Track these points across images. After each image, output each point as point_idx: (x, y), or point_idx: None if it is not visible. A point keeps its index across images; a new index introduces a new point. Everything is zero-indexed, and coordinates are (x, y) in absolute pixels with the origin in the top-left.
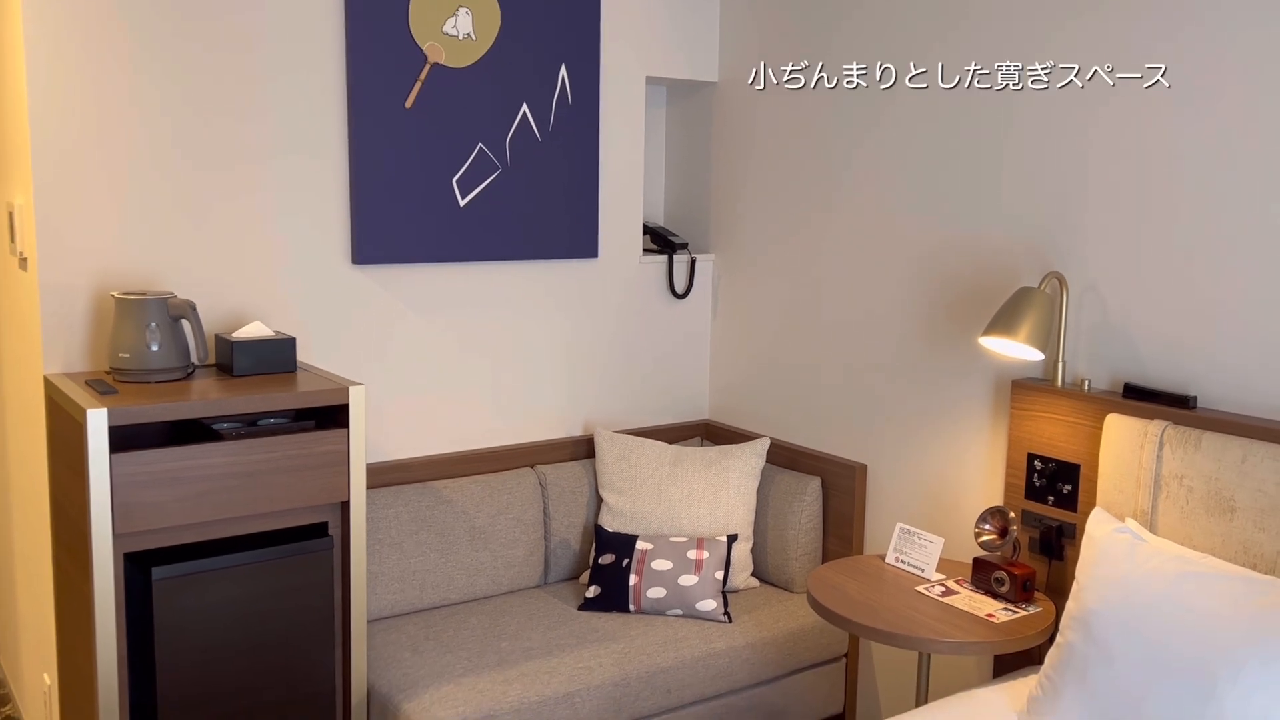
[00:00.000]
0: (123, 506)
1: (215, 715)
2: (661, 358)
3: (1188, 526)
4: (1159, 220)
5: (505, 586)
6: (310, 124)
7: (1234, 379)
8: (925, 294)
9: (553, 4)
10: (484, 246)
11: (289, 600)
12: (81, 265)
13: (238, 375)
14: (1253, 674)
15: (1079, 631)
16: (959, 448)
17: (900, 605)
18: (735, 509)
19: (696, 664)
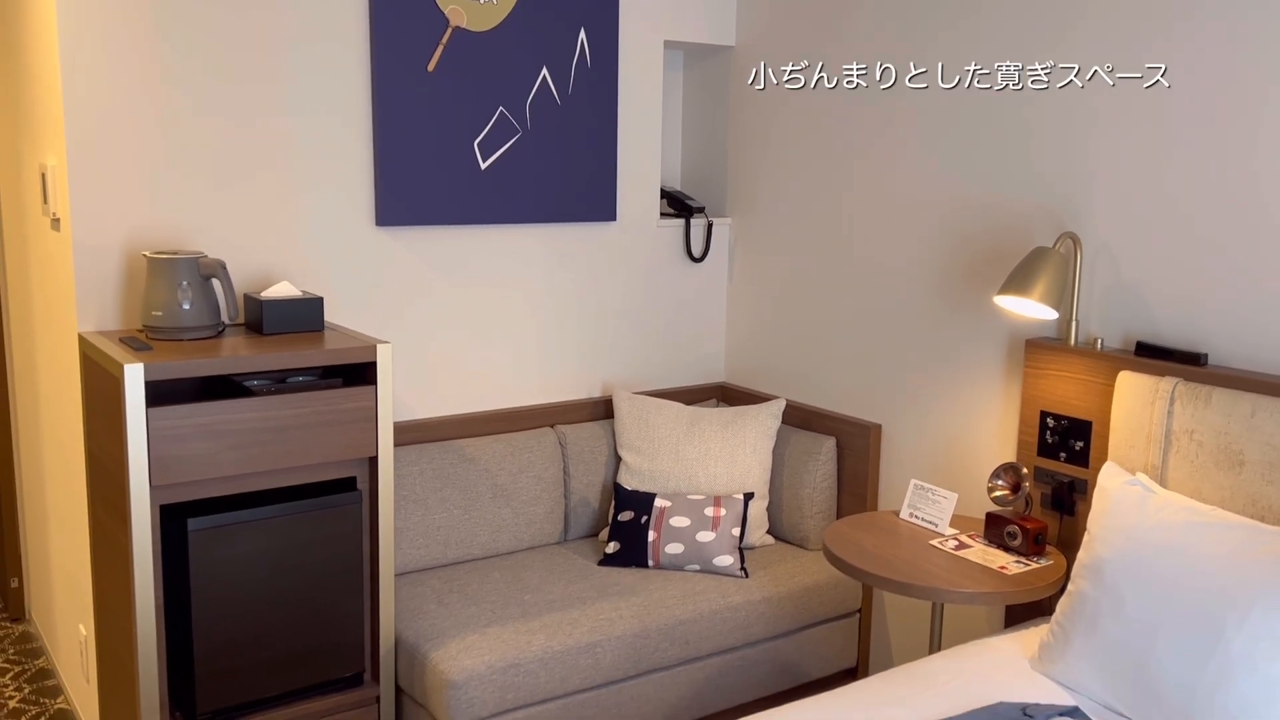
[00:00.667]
0: (159, 459)
1: (249, 662)
2: (678, 320)
3: (1197, 480)
4: (1171, 182)
5: (526, 543)
6: (335, 87)
7: (1244, 336)
8: (940, 255)
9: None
10: (505, 209)
11: (319, 552)
12: (113, 225)
13: (267, 334)
14: (1259, 620)
15: (1090, 580)
16: (973, 406)
17: (914, 558)
18: (751, 468)
19: (714, 617)
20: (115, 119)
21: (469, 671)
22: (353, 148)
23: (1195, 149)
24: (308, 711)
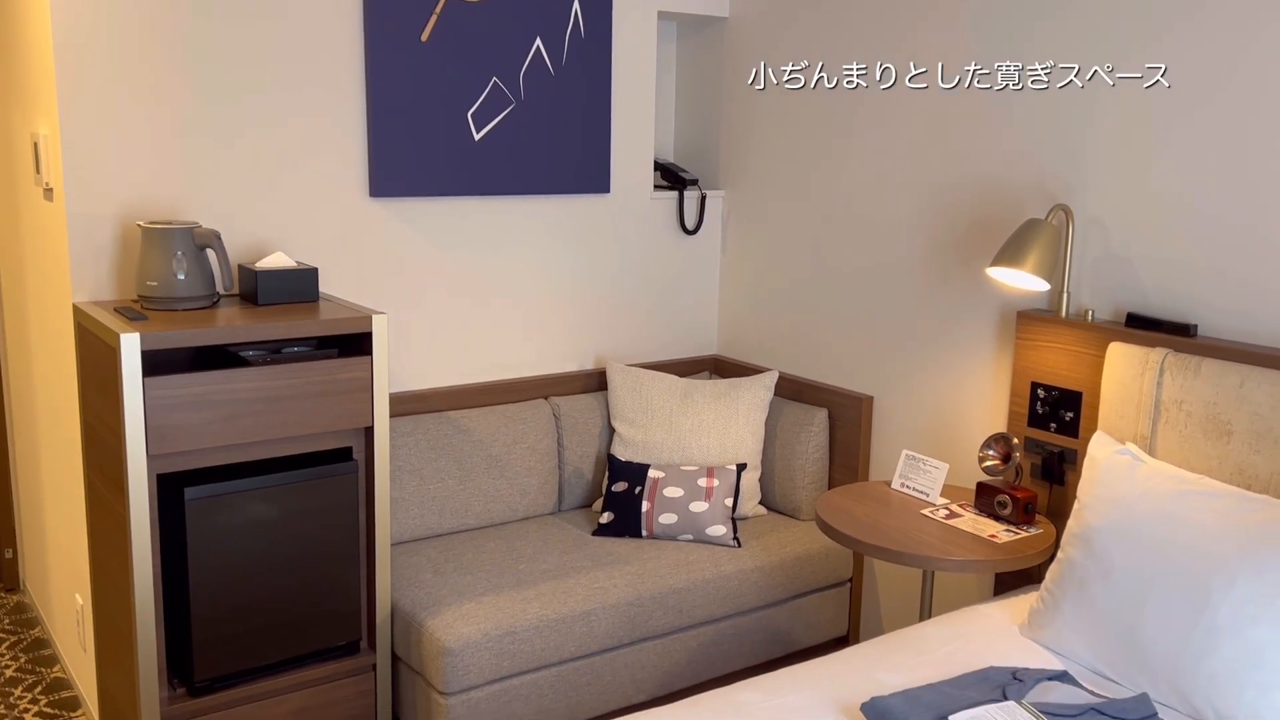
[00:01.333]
0: (156, 428)
1: (246, 630)
2: (671, 293)
3: (1185, 450)
4: (1162, 155)
5: (521, 513)
6: (328, 57)
7: (1233, 308)
8: (933, 228)
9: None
10: (498, 180)
11: (315, 521)
12: (106, 195)
13: (262, 304)
14: (1244, 585)
15: (1079, 547)
16: (964, 378)
17: (905, 527)
18: (744, 439)
19: (707, 585)
20: (108, 88)
21: (465, 639)
22: (346, 119)
23: (1185, 124)
24: (305, 679)
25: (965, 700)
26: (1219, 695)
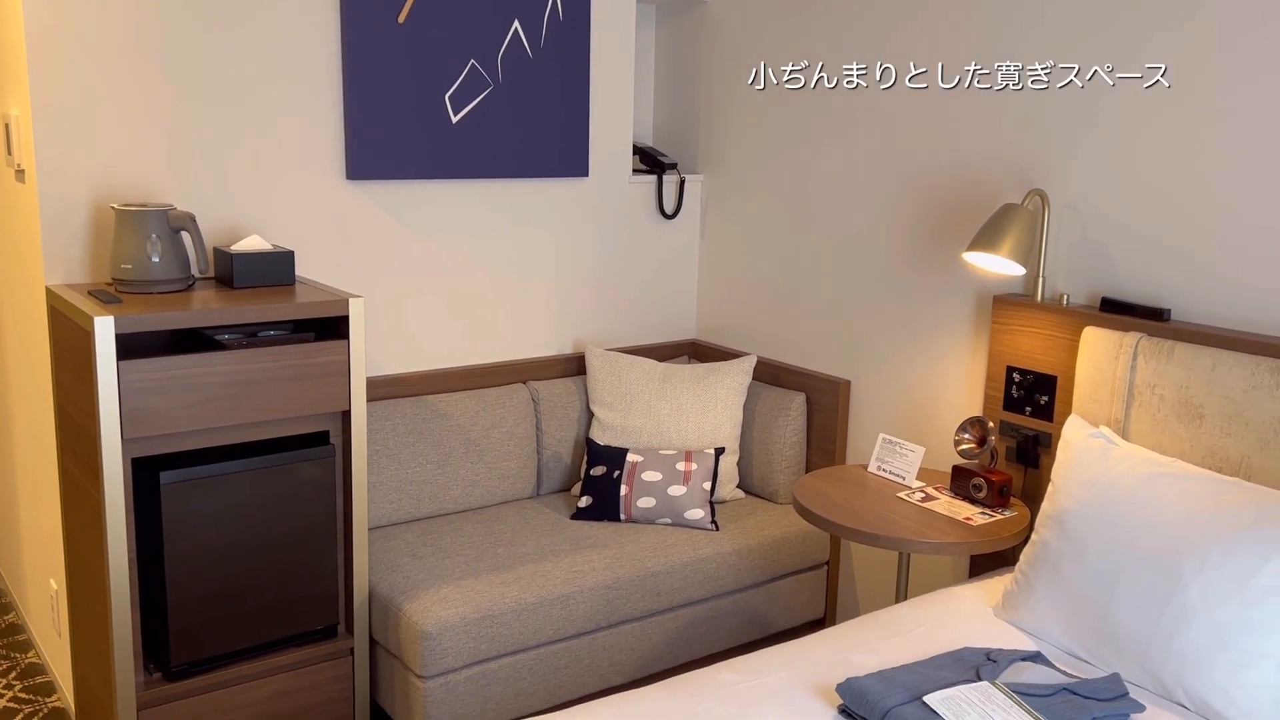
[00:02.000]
0: (131, 412)
1: (222, 615)
2: (650, 277)
3: (1158, 433)
4: (1137, 141)
5: (499, 497)
6: (305, 39)
7: (1206, 292)
8: (911, 213)
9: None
10: (476, 164)
11: (292, 506)
12: (80, 177)
13: (238, 287)
14: (1214, 567)
15: (1053, 529)
16: (941, 362)
17: (882, 510)
18: (722, 424)
19: (685, 569)
20: (81, 69)
21: (443, 623)
22: (323, 101)
23: (1159, 112)
24: (282, 663)
25: (940, 681)
26: (1189, 674)
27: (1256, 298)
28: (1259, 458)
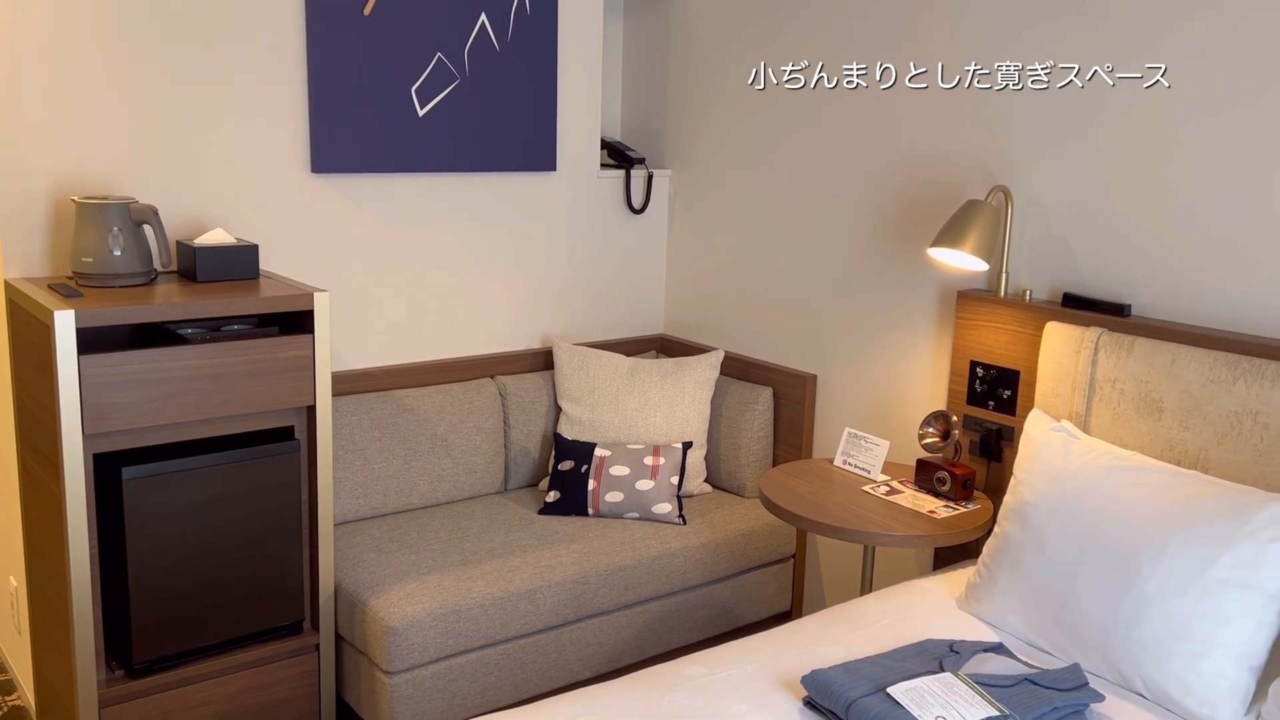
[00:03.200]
0: (92, 407)
1: (186, 611)
2: (618, 272)
3: (1119, 427)
4: (1097, 138)
5: (467, 492)
6: (269, 31)
7: (1166, 289)
8: (876, 210)
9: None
10: (443, 157)
11: (257, 501)
12: (38, 170)
13: (201, 281)
14: (1172, 558)
15: (1015, 522)
16: (906, 357)
17: (847, 503)
18: (690, 418)
19: (652, 563)
20: (38, 59)
21: (409, 618)
22: (287, 93)
23: (1121, 111)
24: (246, 660)
25: (903, 672)
26: (1147, 664)
27: (1214, 294)
28: (1216, 451)
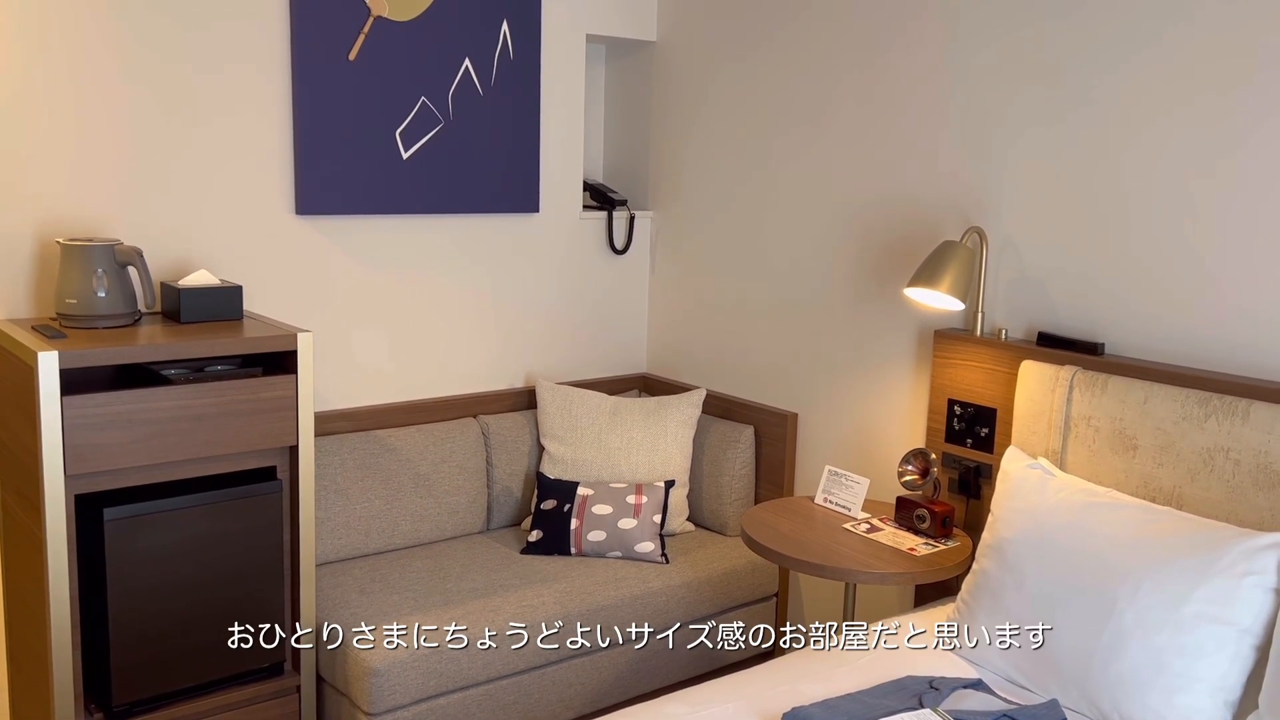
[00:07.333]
0: (74, 448)
1: (167, 653)
2: (600, 312)
3: (1094, 464)
4: (1072, 181)
5: (449, 532)
6: (254, 75)
7: (1139, 327)
8: (854, 250)
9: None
10: (427, 199)
11: (239, 542)
12: (24, 212)
13: (185, 322)
14: (1148, 593)
15: (993, 559)
16: (885, 395)
17: (828, 541)
18: (672, 456)
19: (635, 602)
20: (25, 102)
21: (391, 659)
22: (273, 136)
23: (1093, 153)
24: (227, 702)
25: (883, 709)
26: (1125, 699)
27: (1186, 334)
28: (1190, 487)
